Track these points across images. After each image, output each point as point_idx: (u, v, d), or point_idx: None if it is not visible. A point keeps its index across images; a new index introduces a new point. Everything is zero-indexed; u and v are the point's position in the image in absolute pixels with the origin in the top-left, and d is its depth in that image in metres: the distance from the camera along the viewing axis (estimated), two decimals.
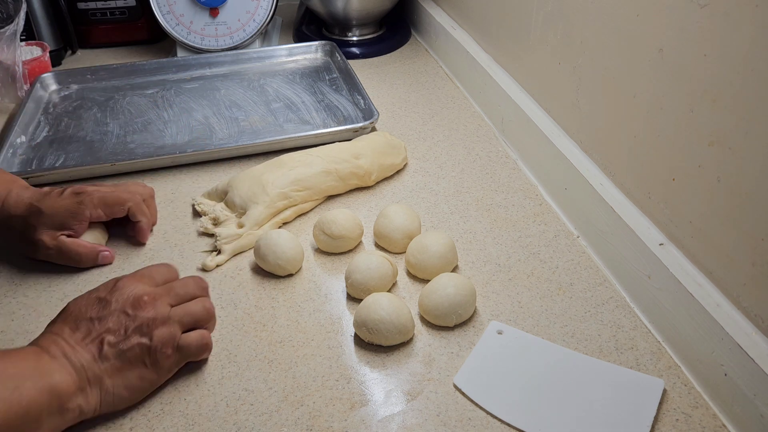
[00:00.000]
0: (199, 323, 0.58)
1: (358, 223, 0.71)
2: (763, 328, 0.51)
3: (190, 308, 0.58)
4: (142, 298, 0.55)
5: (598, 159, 0.72)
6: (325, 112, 0.96)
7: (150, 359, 0.54)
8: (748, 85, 0.49)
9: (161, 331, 0.55)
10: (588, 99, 0.72)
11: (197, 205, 0.77)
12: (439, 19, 1.12)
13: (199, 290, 0.60)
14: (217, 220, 0.74)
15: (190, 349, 0.57)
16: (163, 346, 0.54)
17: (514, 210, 0.78)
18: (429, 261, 0.66)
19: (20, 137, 0.88)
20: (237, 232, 0.72)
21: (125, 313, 0.54)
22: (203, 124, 0.93)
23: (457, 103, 1.01)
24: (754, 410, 0.50)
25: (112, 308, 0.54)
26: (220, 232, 0.72)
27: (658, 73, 0.59)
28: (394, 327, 0.59)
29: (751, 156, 0.50)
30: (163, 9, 1.08)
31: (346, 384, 0.57)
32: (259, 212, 0.73)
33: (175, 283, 0.59)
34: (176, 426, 0.54)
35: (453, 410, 0.55)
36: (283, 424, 0.54)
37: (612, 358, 0.59)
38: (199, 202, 0.77)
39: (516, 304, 0.65)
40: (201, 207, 0.76)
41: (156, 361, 0.54)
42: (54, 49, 1.12)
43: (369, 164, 0.80)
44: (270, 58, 1.10)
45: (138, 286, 0.56)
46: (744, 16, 0.49)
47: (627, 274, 0.65)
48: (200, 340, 0.57)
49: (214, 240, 0.72)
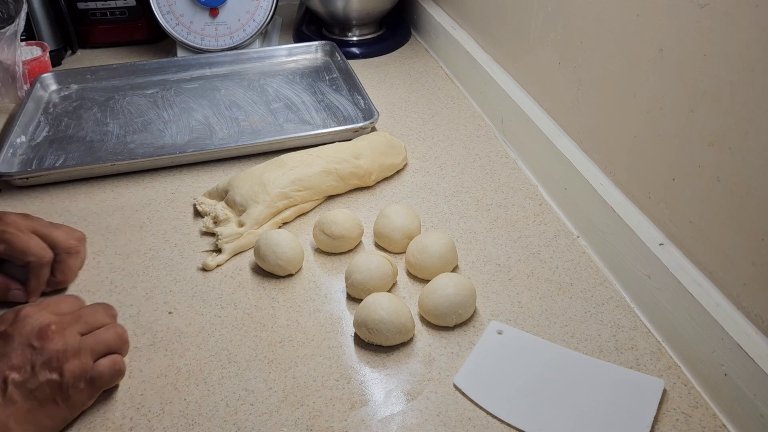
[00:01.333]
0: (111, 350, 0.54)
1: (358, 223, 0.71)
2: (763, 328, 0.52)
3: (101, 336, 0.54)
4: (50, 328, 0.51)
5: (597, 159, 0.72)
6: (325, 112, 0.96)
7: (61, 396, 0.50)
8: (748, 85, 0.49)
9: (72, 364, 0.50)
10: (588, 99, 0.72)
11: (198, 204, 0.77)
12: (439, 19, 1.12)
13: (108, 317, 0.57)
14: (218, 219, 0.74)
15: (103, 379, 0.53)
16: (76, 381, 0.50)
17: (514, 210, 0.78)
18: (429, 261, 0.66)
19: (20, 137, 0.88)
20: (237, 231, 0.72)
21: (31, 346, 0.49)
22: (203, 124, 0.93)
23: (457, 103, 1.01)
24: (754, 410, 0.50)
25: (15, 343, 0.49)
26: (221, 231, 0.72)
27: (658, 73, 0.59)
28: (395, 327, 0.59)
29: (751, 156, 0.50)
30: (163, 9, 1.08)
31: (346, 384, 0.57)
32: (260, 211, 0.73)
33: (83, 311, 0.55)
34: (176, 426, 0.54)
35: (453, 410, 0.55)
36: (283, 424, 0.54)
37: (612, 358, 0.59)
38: (200, 202, 0.77)
39: (516, 304, 0.65)
40: (202, 207, 0.77)
41: (68, 398, 0.50)
42: (54, 49, 1.12)
43: (369, 164, 0.80)
44: (270, 58, 1.10)
45: (43, 315, 0.52)
46: (744, 16, 0.49)
47: (627, 274, 0.65)
48: (113, 367, 0.53)
49: (215, 239, 0.72)
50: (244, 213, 0.73)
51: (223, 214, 0.74)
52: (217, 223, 0.74)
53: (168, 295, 0.67)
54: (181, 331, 0.63)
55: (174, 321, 0.64)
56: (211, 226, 0.74)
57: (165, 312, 0.65)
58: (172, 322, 0.64)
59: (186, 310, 0.65)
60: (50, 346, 0.50)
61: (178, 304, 0.66)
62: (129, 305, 0.65)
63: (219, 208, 0.75)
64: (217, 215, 0.74)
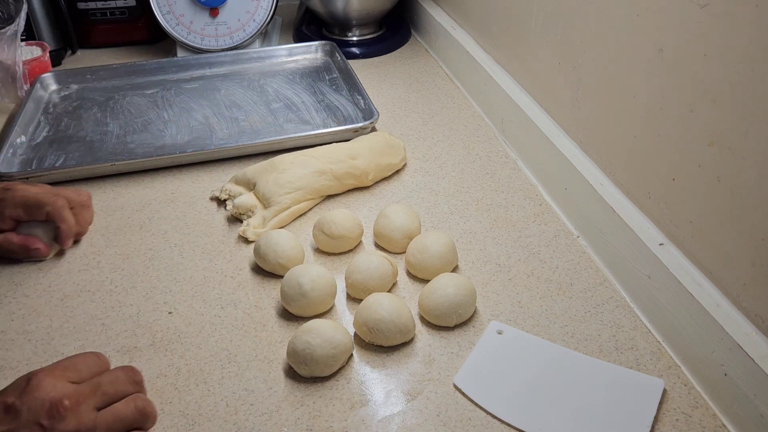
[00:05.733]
0: (130, 428, 0.49)
1: (357, 223, 0.71)
2: (763, 328, 0.52)
3: (120, 412, 0.48)
4: (62, 404, 0.46)
5: (597, 159, 0.72)
6: (325, 112, 0.96)
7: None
8: (748, 85, 0.49)
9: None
10: (588, 99, 0.72)
11: (223, 192, 0.79)
12: (439, 19, 1.12)
13: (131, 385, 0.51)
14: (245, 208, 0.76)
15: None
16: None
17: (514, 210, 0.78)
18: (429, 261, 0.66)
19: (20, 137, 0.88)
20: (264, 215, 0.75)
21: (39, 425, 0.45)
22: (203, 124, 0.93)
23: (457, 103, 1.01)
24: (754, 410, 0.50)
25: (22, 419, 0.45)
26: (249, 222, 0.75)
27: (658, 73, 0.59)
28: (395, 327, 0.59)
29: (750, 156, 0.50)
30: (163, 9, 1.08)
31: (346, 384, 0.57)
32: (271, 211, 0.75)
33: (103, 378, 0.49)
34: (176, 426, 0.54)
35: (453, 410, 0.55)
36: (283, 424, 0.54)
37: (612, 358, 0.59)
38: (226, 189, 0.79)
39: (516, 304, 0.65)
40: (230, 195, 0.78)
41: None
42: (54, 49, 1.12)
43: (365, 164, 0.80)
44: (270, 58, 1.10)
45: (57, 386, 0.47)
46: (744, 16, 0.49)
47: (627, 274, 0.65)
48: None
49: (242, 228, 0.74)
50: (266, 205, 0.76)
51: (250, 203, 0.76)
52: (241, 213, 0.76)
53: (168, 295, 0.67)
54: (181, 331, 0.63)
55: (174, 321, 0.64)
56: (232, 210, 0.76)
57: (165, 312, 0.65)
58: (172, 322, 0.64)
59: (186, 310, 0.65)
60: (61, 427, 0.45)
61: (178, 304, 0.66)
62: (129, 305, 0.65)
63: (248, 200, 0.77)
64: (242, 204, 0.76)
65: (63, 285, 0.68)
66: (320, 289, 0.62)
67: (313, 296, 0.62)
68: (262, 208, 0.76)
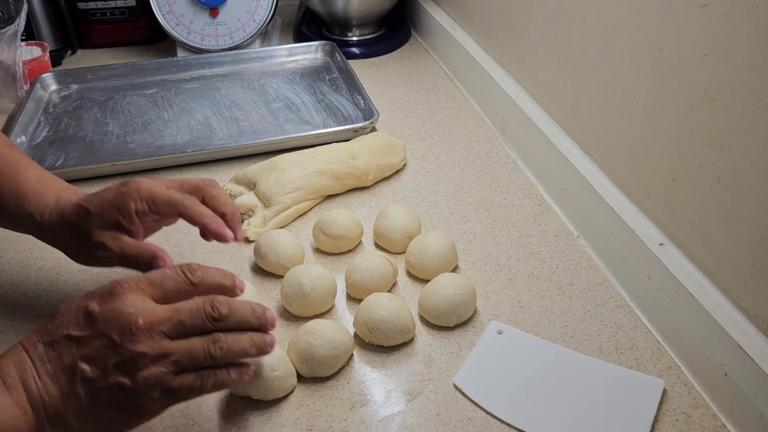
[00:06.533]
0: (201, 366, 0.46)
1: (357, 223, 0.71)
2: (763, 328, 0.52)
3: (194, 348, 0.46)
4: (136, 323, 0.44)
5: (597, 159, 0.72)
6: (325, 112, 0.96)
7: (130, 403, 0.44)
8: (748, 85, 0.49)
9: (149, 371, 0.44)
10: (588, 99, 0.72)
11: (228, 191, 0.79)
12: (439, 19, 1.12)
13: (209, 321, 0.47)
14: (246, 208, 0.76)
15: (181, 392, 0.46)
16: (149, 390, 0.44)
17: (514, 210, 0.78)
18: (429, 261, 0.66)
19: (20, 137, 0.88)
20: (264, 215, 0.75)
21: (110, 338, 0.44)
22: (203, 124, 0.93)
23: (457, 103, 1.01)
24: (754, 410, 0.50)
25: (98, 328, 0.44)
26: (250, 221, 0.75)
27: (658, 73, 0.59)
28: (395, 327, 0.59)
29: (750, 156, 0.50)
30: (163, 9, 1.08)
31: (346, 384, 0.57)
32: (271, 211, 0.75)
33: (183, 307, 0.47)
34: (176, 426, 0.54)
35: (453, 410, 0.55)
36: (283, 424, 0.54)
37: (612, 358, 0.59)
38: (226, 189, 0.79)
39: (516, 304, 0.65)
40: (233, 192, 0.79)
41: (137, 406, 0.45)
42: (54, 49, 1.12)
43: (365, 164, 0.80)
44: (270, 58, 1.10)
45: (136, 303, 0.45)
46: (744, 16, 0.49)
47: (627, 274, 0.65)
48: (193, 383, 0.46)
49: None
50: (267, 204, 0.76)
51: (252, 203, 0.77)
52: (246, 212, 0.76)
53: None
54: None
55: None
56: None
57: None
58: None
59: None
60: (130, 346, 0.44)
61: None
62: None
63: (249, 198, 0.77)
64: (246, 203, 0.76)
65: (63, 286, 0.68)
66: (321, 289, 0.62)
67: (314, 296, 0.62)
68: (262, 207, 0.76)
